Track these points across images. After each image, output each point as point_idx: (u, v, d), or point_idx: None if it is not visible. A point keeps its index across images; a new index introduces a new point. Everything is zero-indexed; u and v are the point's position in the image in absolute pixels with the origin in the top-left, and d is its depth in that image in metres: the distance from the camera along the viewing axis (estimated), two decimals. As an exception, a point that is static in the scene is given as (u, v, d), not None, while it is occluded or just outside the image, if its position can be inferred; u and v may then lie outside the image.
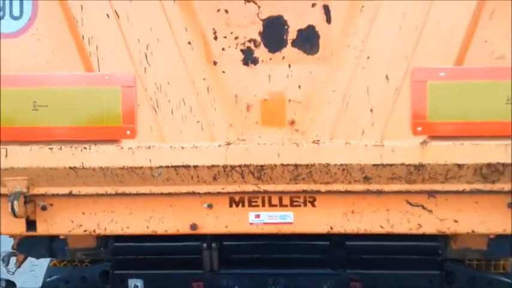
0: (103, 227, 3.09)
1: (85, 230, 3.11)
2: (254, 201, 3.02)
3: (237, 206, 3.03)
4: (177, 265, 3.39)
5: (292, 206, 3.01)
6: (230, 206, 3.03)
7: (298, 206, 3.01)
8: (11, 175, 2.93)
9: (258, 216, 3.02)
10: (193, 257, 3.32)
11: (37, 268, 5.60)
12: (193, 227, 3.05)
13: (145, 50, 2.81)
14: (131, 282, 3.39)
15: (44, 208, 3.08)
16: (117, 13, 2.79)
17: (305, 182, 2.91)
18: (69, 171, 2.91)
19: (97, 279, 3.59)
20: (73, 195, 3.03)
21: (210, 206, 3.03)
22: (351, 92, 2.78)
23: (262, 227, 3.03)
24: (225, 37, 2.83)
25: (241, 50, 2.84)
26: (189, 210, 3.05)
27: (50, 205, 3.08)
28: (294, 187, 2.94)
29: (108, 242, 3.42)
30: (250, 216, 3.03)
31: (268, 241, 3.26)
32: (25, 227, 3.10)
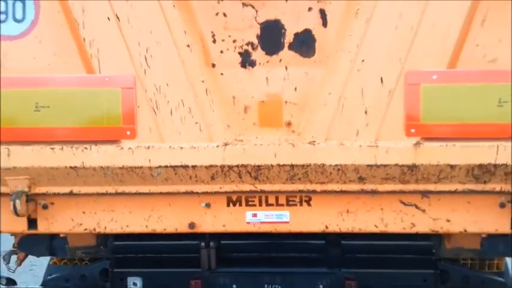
0: (103, 225, 3.11)
1: (85, 229, 3.12)
2: (251, 201, 3.04)
3: (234, 205, 3.04)
4: (175, 263, 3.39)
5: (288, 205, 3.03)
6: (228, 205, 3.05)
7: (294, 205, 3.02)
8: (13, 174, 2.95)
9: (255, 215, 3.04)
10: (192, 255, 3.31)
11: (36, 268, 5.54)
12: (192, 225, 3.06)
13: (145, 53, 2.82)
14: (130, 280, 3.39)
15: (45, 207, 3.09)
16: (117, 16, 2.81)
17: (301, 182, 2.93)
18: (70, 171, 2.93)
19: (97, 277, 3.59)
20: (74, 195, 3.04)
21: (208, 205, 3.05)
22: (346, 94, 2.80)
23: (259, 225, 3.04)
24: (223, 40, 2.85)
25: (239, 53, 2.85)
26: (187, 209, 3.07)
27: (51, 204, 3.10)
28: (290, 187, 2.95)
29: (107, 241, 3.42)
30: (247, 215, 3.04)
31: (265, 240, 3.26)
32: (26, 226, 3.12)
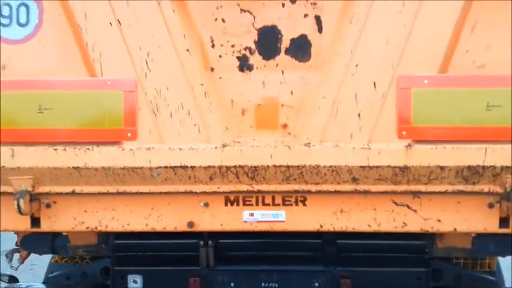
0: (104, 224, 3.13)
1: (87, 227, 3.14)
2: (248, 201, 3.06)
3: (232, 204, 3.07)
4: (175, 262, 3.41)
5: (284, 205, 3.05)
6: (225, 204, 3.08)
7: (290, 205, 3.05)
8: (17, 174, 2.98)
9: (251, 214, 3.06)
10: (191, 254, 3.33)
11: (36, 267, 5.56)
12: (190, 224, 3.09)
13: (146, 57, 2.85)
14: (131, 278, 3.40)
15: (48, 206, 3.12)
16: (119, 21, 2.84)
17: (296, 183, 2.96)
18: (72, 171, 2.96)
19: (97, 275, 3.62)
20: (76, 194, 3.07)
21: (206, 205, 3.07)
22: (340, 98, 2.83)
23: (256, 224, 3.07)
24: (221, 45, 2.88)
25: (237, 57, 2.89)
26: (186, 208, 3.09)
27: (54, 203, 3.12)
28: (286, 187, 2.98)
29: (108, 239, 3.43)
30: (245, 214, 3.07)
31: (262, 239, 3.29)
32: (30, 224, 3.14)
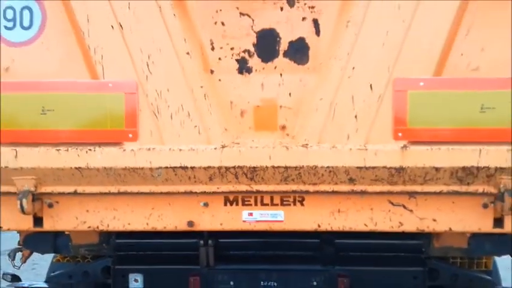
0: (106, 223, 3.17)
1: (89, 226, 3.18)
2: (247, 201, 3.10)
3: (231, 204, 3.11)
4: (175, 261, 3.43)
5: (282, 205, 3.09)
6: (225, 204, 3.11)
7: (288, 205, 3.09)
8: (20, 174, 3.02)
9: (250, 214, 3.10)
10: (191, 253, 3.36)
11: (38, 266, 5.65)
12: (190, 224, 3.13)
13: (147, 59, 2.90)
14: (131, 276, 3.41)
15: (51, 205, 3.16)
16: (121, 25, 2.89)
17: (294, 183, 2.99)
18: (74, 172, 3.00)
19: (99, 274, 3.66)
20: (78, 194, 3.11)
21: (206, 205, 3.11)
22: (337, 100, 2.87)
23: (255, 224, 3.11)
24: (221, 48, 2.93)
25: (236, 60, 2.93)
26: (186, 208, 3.13)
27: (56, 203, 3.16)
28: (284, 187, 3.02)
29: (110, 239, 3.46)
30: (244, 214, 3.10)
31: (261, 239, 3.32)
32: (32, 223, 3.18)
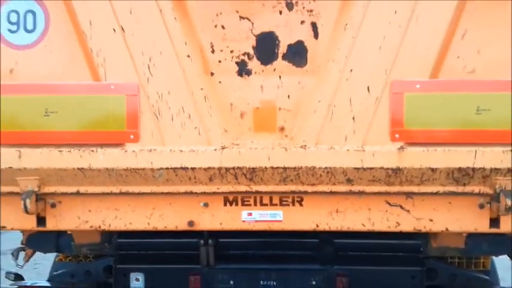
0: (108, 223, 3.20)
1: (91, 226, 3.21)
2: (246, 201, 3.13)
3: (230, 204, 3.14)
4: (176, 260, 3.44)
5: (281, 205, 3.12)
6: (224, 204, 3.15)
7: (287, 205, 3.12)
8: (23, 175, 3.06)
9: (250, 214, 3.14)
10: (191, 252, 3.38)
11: (40, 266, 5.63)
12: (191, 223, 3.16)
13: (148, 62, 2.94)
14: (133, 275, 3.44)
15: (54, 205, 3.19)
16: (122, 28, 2.93)
17: (293, 183, 3.03)
18: (77, 172, 3.04)
19: (101, 273, 3.68)
20: (80, 194, 3.15)
21: (206, 205, 3.14)
22: (335, 102, 2.91)
23: (254, 224, 3.14)
24: (221, 50, 2.97)
25: (236, 63, 2.97)
26: (186, 208, 3.16)
27: (59, 203, 3.20)
28: (283, 188, 3.05)
29: (111, 238, 3.49)
30: (243, 214, 3.14)
31: (261, 238, 3.33)
32: (35, 223, 3.22)
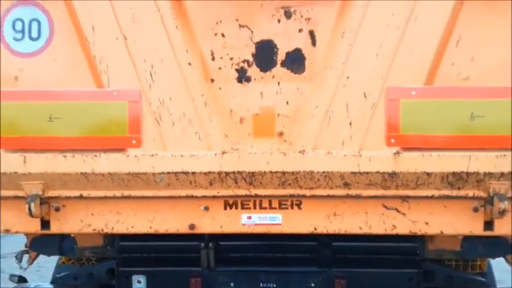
0: (110, 226, 3.24)
1: (94, 229, 3.25)
2: (246, 204, 3.17)
3: (230, 208, 3.18)
4: (177, 263, 3.49)
5: (280, 208, 3.16)
6: (225, 208, 3.18)
7: (286, 208, 3.16)
8: (28, 179, 3.11)
9: (249, 217, 3.17)
10: (192, 255, 3.42)
11: (43, 268, 5.65)
12: (192, 227, 3.20)
13: (150, 69, 2.97)
14: (135, 278, 3.48)
15: (57, 209, 3.24)
16: (125, 36, 2.97)
17: (292, 187, 3.07)
18: (80, 176, 3.09)
19: (103, 276, 3.73)
20: (83, 198, 3.19)
21: (206, 208, 3.18)
22: (333, 108, 2.95)
23: (254, 227, 3.18)
24: (221, 58, 3.01)
25: (236, 70, 3.02)
26: (187, 211, 3.20)
27: (63, 206, 3.24)
28: (282, 192, 3.09)
29: (114, 241, 3.53)
30: (243, 217, 3.18)
31: (260, 241, 3.38)
32: (40, 226, 3.26)
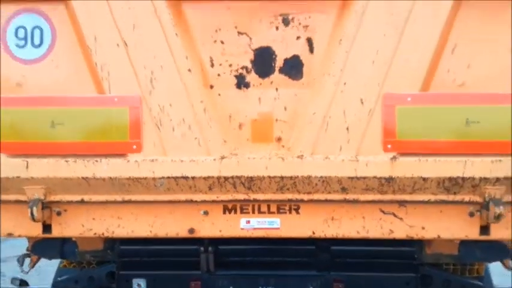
0: (111, 230, 3.27)
1: (95, 233, 3.28)
2: (245, 209, 3.20)
3: (229, 212, 3.21)
4: (177, 266, 3.50)
5: (278, 213, 3.19)
6: (224, 212, 3.21)
7: (284, 213, 3.19)
8: (30, 184, 3.14)
9: (248, 222, 3.20)
10: (192, 259, 3.43)
11: (44, 272, 5.79)
12: (191, 231, 3.23)
13: (150, 76, 3.00)
14: (135, 281, 3.49)
15: (59, 213, 3.26)
16: (126, 43, 3.01)
17: (290, 192, 3.09)
18: (82, 181, 3.11)
19: (103, 279, 3.76)
20: (85, 202, 3.21)
21: (206, 213, 3.21)
22: (330, 113, 2.98)
23: (252, 231, 3.20)
24: (220, 64, 3.04)
25: (235, 76, 3.05)
26: (187, 216, 3.22)
27: (64, 211, 3.27)
28: (280, 196, 3.11)
29: (114, 245, 3.54)
30: (242, 222, 3.20)
31: (259, 245, 3.39)
32: (41, 230, 3.28)
